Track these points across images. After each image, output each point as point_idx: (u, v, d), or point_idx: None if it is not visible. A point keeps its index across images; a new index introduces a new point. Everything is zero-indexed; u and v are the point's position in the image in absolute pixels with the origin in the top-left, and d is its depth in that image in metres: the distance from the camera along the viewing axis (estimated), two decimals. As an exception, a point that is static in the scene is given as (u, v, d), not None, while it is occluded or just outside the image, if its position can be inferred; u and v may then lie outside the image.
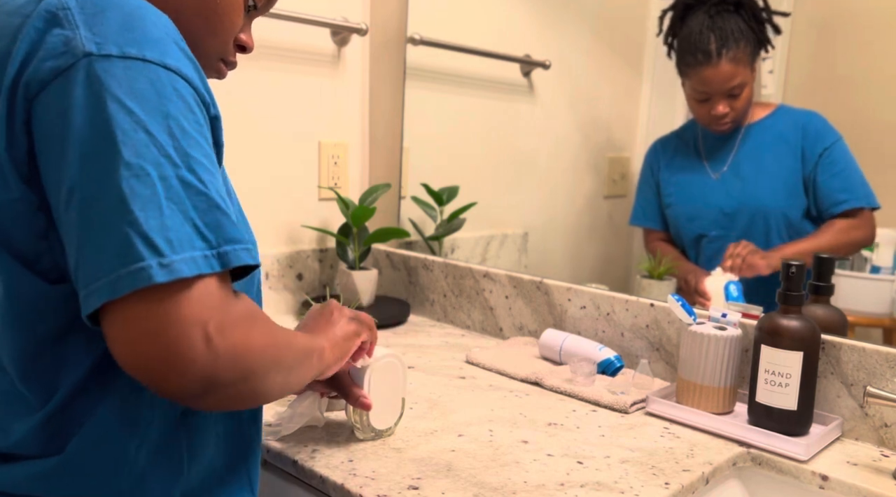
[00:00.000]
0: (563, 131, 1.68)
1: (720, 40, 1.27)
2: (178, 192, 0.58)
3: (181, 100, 0.61)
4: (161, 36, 0.62)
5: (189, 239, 0.57)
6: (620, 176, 1.60)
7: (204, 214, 0.59)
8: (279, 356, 0.65)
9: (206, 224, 0.59)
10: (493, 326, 1.49)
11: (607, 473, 0.90)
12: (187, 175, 0.59)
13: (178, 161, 0.59)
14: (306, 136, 1.63)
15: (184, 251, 0.56)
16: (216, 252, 0.58)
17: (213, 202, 0.60)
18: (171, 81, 0.61)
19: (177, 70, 0.61)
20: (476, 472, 0.89)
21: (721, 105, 1.30)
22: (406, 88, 1.70)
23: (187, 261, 0.56)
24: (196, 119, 0.62)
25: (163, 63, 0.60)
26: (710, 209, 1.35)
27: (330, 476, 0.87)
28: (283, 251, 1.60)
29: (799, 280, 1.00)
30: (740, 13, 1.27)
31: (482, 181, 1.73)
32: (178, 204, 0.57)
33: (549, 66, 1.66)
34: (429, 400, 1.12)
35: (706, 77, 1.30)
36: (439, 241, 1.70)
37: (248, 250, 0.61)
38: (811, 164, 1.26)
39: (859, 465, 0.96)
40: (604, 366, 1.22)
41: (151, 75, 0.60)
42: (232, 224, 0.61)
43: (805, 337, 0.99)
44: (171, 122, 0.59)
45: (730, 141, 1.34)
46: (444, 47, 1.68)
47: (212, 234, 0.59)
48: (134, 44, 0.60)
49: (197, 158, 0.60)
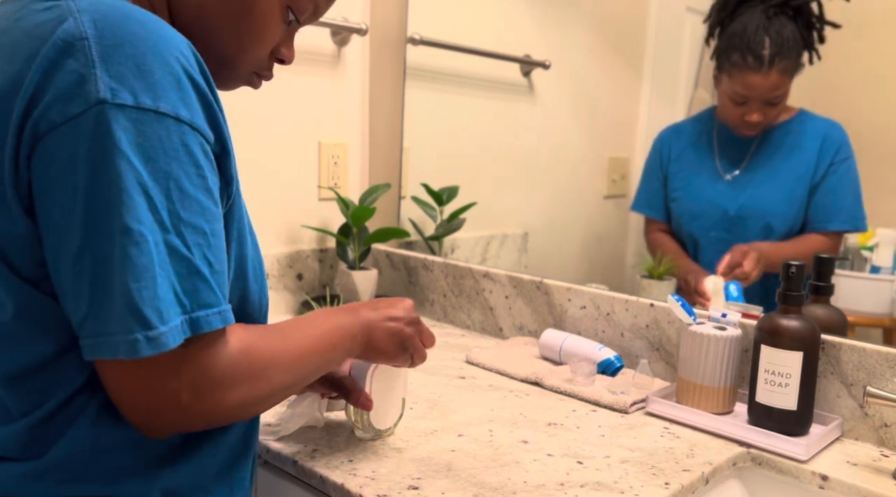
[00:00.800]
0: (563, 131, 1.68)
1: (775, 47, 1.21)
2: (164, 257, 0.59)
3: (187, 155, 0.61)
4: (176, 76, 0.61)
5: (174, 307, 0.60)
6: (620, 176, 1.60)
7: (183, 280, 0.61)
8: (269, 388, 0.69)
9: (183, 290, 0.61)
10: (493, 326, 1.49)
11: (607, 473, 0.90)
12: (174, 240, 0.60)
13: (168, 225, 0.60)
14: (306, 136, 1.63)
15: (170, 320, 0.59)
16: (189, 317, 0.61)
17: (193, 268, 0.61)
18: (181, 135, 0.61)
19: (189, 121, 0.61)
20: (476, 472, 0.89)
21: (758, 113, 1.26)
22: (406, 88, 1.70)
23: (173, 331, 0.59)
24: (199, 172, 0.62)
25: (175, 115, 0.60)
26: (716, 210, 1.34)
27: (330, 476, 0.87)
28: (283, 251, 1.60)
29: (799, 280, 1.00)
30: (797, 20, 1.22)
31: (482, 181, 1.73)
32: (164, 270, 0.59)
33: (549, 66, 1.66)
34: (429, 400, 1.12)
35: (752, 83, 1.25)
36: (439, 241, 1.70)
37: (219, 314, 0.63)
38: (820, 174, 1.24)
39: (859, 465, 0.96)
40: (604, 366, 1.22)
41: (161, 131, 0.60)
42: (208, 289, 0.62)
43: (805, 337, 0.99)
44: (172, 183, 0.60)
45: (747, 143, 1.31)
46: (444, 47, 1.68)
47: (187, 300, 0.61)
48: (149, 91, 0.59)
49: (188, 221, 0.61)
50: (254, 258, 0.77)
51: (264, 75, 0.80)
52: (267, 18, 0.74)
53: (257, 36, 0.75)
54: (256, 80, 0.80)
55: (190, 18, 0.72)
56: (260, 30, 0.74)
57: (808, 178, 1.26)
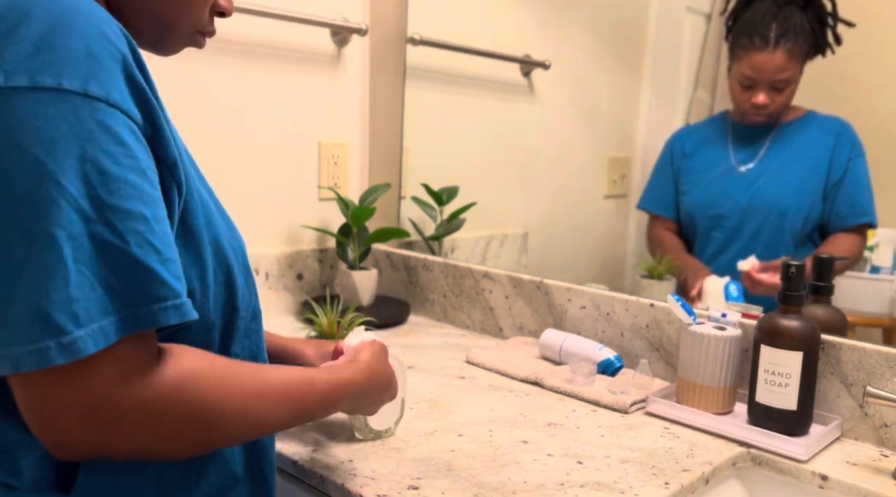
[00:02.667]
0: (563, 131, 1.68)
1: (781, 29, 1.26)
2: (90, 251, 0.53)
3: (105, 133, 0.55)
4: (88, 51, 0.55)
5: (101, 305, 0.53)
6: (620, 176, 1.60)
7: (120, 273, 0.54)
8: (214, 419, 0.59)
9: (122, 283, 0.54)
10: (493, 326, 1.49)
11: (607, 473, 0.90)
12: (102, 230, 0.53)
13: (91, 214, 0.53)
14: (306, 136, 1.63)
15: (92, 322, 0.52)
16: (131, 314, 0.54)
17: (131, 258, 0.54)
18: (93, 113, 0.54)
19: (102, 97, 0.55)
20: (476, 472, 0.89)
21: (763, 95, 1.29)
22: (406, 88, 1.70)
23: (94, 334, 0.52)
24: (126, 152, 0.56)
25: (84, 91, 0.54)
26: (728, 201, 1.35)
27: (330, 476, 0.87)
28: (283, 251, 1.60)
29: (799, 280, 1.00)
30: (806, 11, 1.26)
31: (482, 181, 1.73)
32: (89, 265, 0.53)
33: (549, 66, 1.66)
34: (429, 400, 1.12)
35: (758, 62, 1.28)
36: (439, 241, 1.70)
37: (175, 307, 0.56)
38: (840, 170, 1.26)
39: (859, 465, 0.96)
40: (604, 366, 1.22)
41: (67, 110, 0.53)
42: (156, 280, 0.55)
43: (805, 337, 0.99)
44: (88, 166, 0.53)
45: (761, 137, 1.33)
46: (444, 47, 1.68)
47: (128, 294, 0.54)
48: (50, 68, 0.53)
49: (117, 206, 0.54)
50: (232, 243, 0.72)
51: (207, 32, 0.76)
52: None
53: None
54: (200, 38, 0.76)
55: None
56: None
57: (824, 172, 1.28)
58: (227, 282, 0.70)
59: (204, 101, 1.45)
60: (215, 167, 1.48)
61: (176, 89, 1.40)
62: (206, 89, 1.45)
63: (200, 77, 1.44)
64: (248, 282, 0.75)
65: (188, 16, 0.72)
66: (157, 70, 1.37)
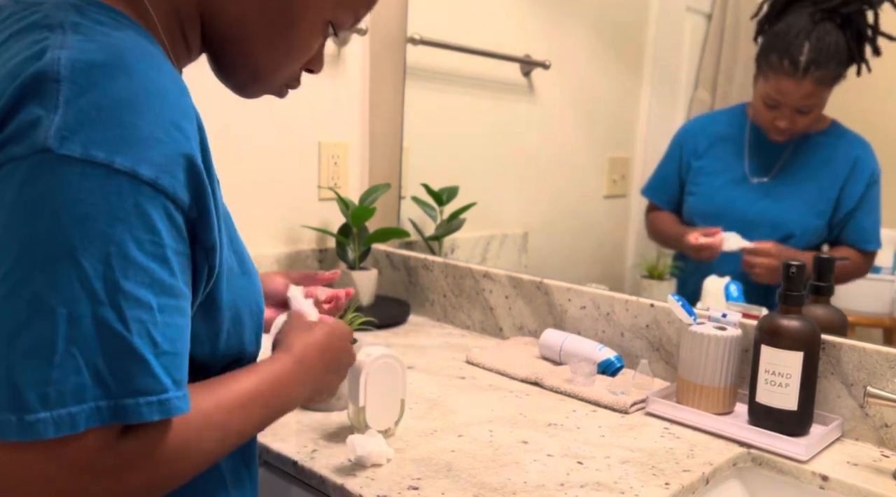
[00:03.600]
0: (563, 131, 1.68)
1: (813, 54, 1.17)
2: (88, 333, 0.52)
3: (140, 218, 0.54)
4: (151, 131, 0.55)
5: (79, 390, 0.51)
6: (620, 176, 1.60)
7: (112, 360, 0.52)
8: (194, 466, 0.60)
9: (111, 371, 0.52)
10: (493, 326, 1.49)
11: (607, 474, 0.90)
12: (108, 313, 0.52)
13: (102, 296, 0.52)
14: (306, 136, 1.63)
15: (62, 406, 0.51)
16: (114, 403, 0.52)
17: (128, 347, 0.53)
18: (135, 195, 0.53)
19: (150, 181, 0.54)
20: (476, 472, 0.89)
21: (787, 120, 1.23)
22: (406, 88, 1.70)
23: (59, 419, 0.51)
24: (154, 239, 0.55)
25: (133, 172, 0.53)
26: (734, 212, 1.31)
27: (330, 476, 0.87)
28: (283, 251, 1.60)
29: (799, 280, 1.00)
30: (845, 29, 1.17)
31: (482, 181, 1.73)
32: (82, 347, 0.51)
33: (549, 66, 1.66)
34: (429, 400, 1.12)
35: (784, 88, 1.21)
36: (439, 241, 1.70)
37: (158, 403, 0.54)
38: (853, 200, 1.21)
39: (860, 466, 0.96)
40: (604, 366, 1.22)
41: (110, 188, 0.52)
42: (145, 372, 0.54)
43: (805, 337, 0.99)
44: (113, 248, 0.53)
45: (781, 150, 1.28)
46: (444, 47, 1.68)
47: (115, 382, 0.52)
48: (107, 144, 0.53)
49: (130, 292, 0.53)
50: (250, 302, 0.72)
51: (292, 85, 0.77)
52: (308, 35, 0.71)
53: (295, 52, 0.71)
54: (284, 90, 0.77)
55: (225, 30, 0.69)
56: (299, 46, 0.71)
57: (835, 197, 1.23)
58: (239, 344, 0.71)
59: (204, 102, 1.44)
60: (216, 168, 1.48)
61: (176, 89, 1.40)
62: (206, 89, 1.45)
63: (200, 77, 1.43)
64: (258, 339, 0.75)
65: (284, 71, 0.73)
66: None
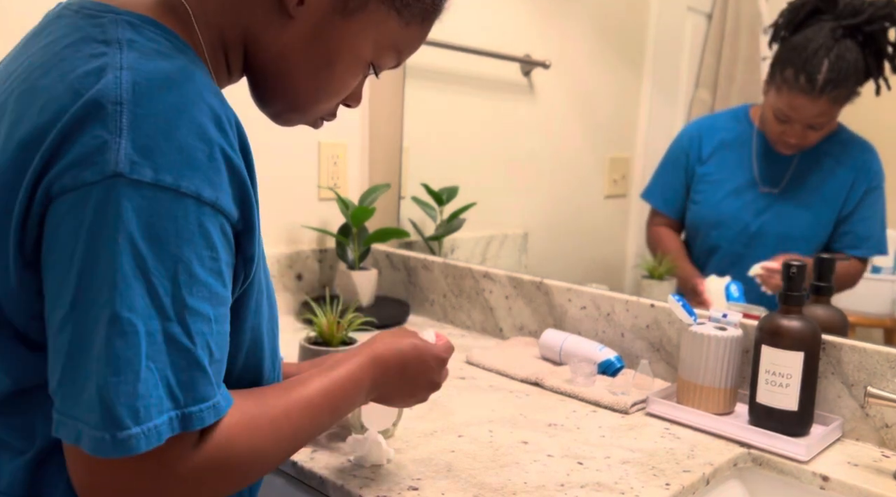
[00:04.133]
0: (563, 131, 1.68)
1: (831, 73, 1.14)
2: (161, 347, 0.55)
3: (203, 237, 0.57)
4: (209, 152, 0.57)
5: (159, 403, 0.55)
6: (620, 176, 1.60)
7: (180, 372, 0.56)
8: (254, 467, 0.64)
9: (179, 383, 0.56)
10: (493, 327, 1.49)
11: (608, 474, 0.90)
12: (175, 329, 0.56)
13: (170, 313, 0.55)
14: (306, 136, 1.63)
15: (150, 420, 0.54)
16: (181, 413, 0.56)
17: (193, 359, 0.57)
18: (199, 216, 0.57)
19: (211, 202, 0.57)
20: (476, 472, 0.89)
21: (797, 137, 1.21)
22: (406, 88, 1.70)
23: (148, 432, 0.54)
24: (213, 255, 0.58)
25: (197, 195, 0.56)
26: (738, 223, 1.29)
27: (330, 476, 0.87)
28: (282, 251, 1.59)
29: (800, 280, 1.00)
30: (864, 48, 1.14)
31: (482, 181, 1.73)
32: (157, 362, 0.55)
33: (549, 66, 1.66)
34: (429, 400, 1.12)
35: (798, 104, 1.18)
36: (439, 241, 1.70)
37: (213, 408, 0.58)
38: (853, 203, 1.20)
39: (860, 466, 0.96)
40: (604, 366, 1.22)
41: (178, 211, 0.55)
42: (206, 381, 0.58)
43: (805, 337, 0.99)
44: (181, 266, 0.56)
45: (789, 159, 1.25)
46: (444, 47, 1.68)
47: (182, 394, 0.56)
48: (173, 168, 0.55)
49: (194, 308, 0.57)
50: (270, 327, 0.74)
51: (328, 119, 0.78)
52: (348, 75, 0.72)
53: (335, 89, 0.73)
54: (320, 122, 0.78)
55: (267, 62, 0.70)
56: (339, 85, 0.72)
57: (839, 205, 1.22)
58: (256, 367, 0.72)
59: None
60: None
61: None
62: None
63: (200, 77, 1.43)
64: (275, 365, 0.76)
65: (321, 106, 0.74)
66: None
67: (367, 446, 0.88)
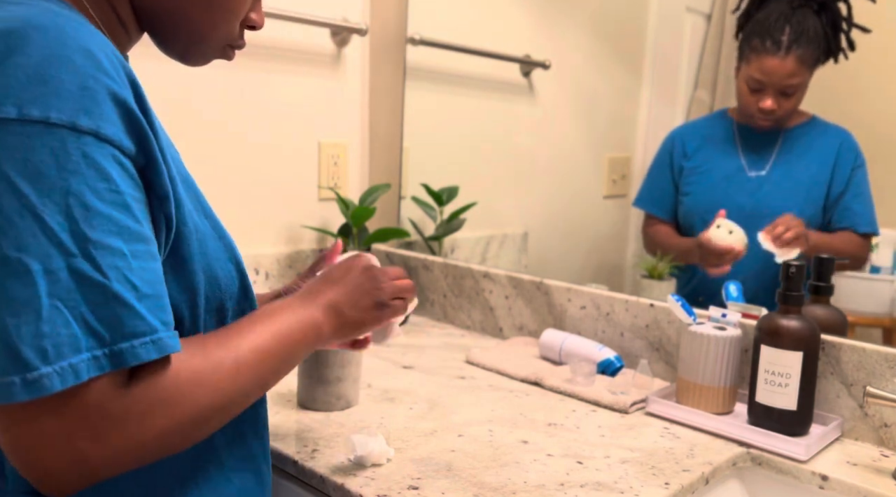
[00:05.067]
0: (563, 131, 1.68)
1: (794, 34, 1.24)
2: (68, 285, 0.53)
3: (92, 168, 0.55)
4: (82, 83, 0.55)
5: (73, 341, 0.52)
6: (620, 176, 1.60)
7: (98, 309, 0.53)
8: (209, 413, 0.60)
9: (99, 320, 0.53)
10: (493, 326, 1.49)
11: (607, 473, 0.90)
12: (82, 264, 0.53)
13: (72, 248, 0.53)
14: (306, 136, 1.63)
15: (62, 358, 0.51)
16: (109, 351, 0.53)
17: (111, 293, 0.54)
18: (81, 146, 0.54)
19: (91, 130, 0.55)
20: (476, 472, 0.89)
21: (772, 100, 1.27)
22: (406, 88, 1.70)
23: (62, 371, 0.51)
24: (110, 187, 0.56)
25: (72, 124, 0.54)
26: (732, 206, 1.33)
27: (330, 476, 0.87)
28: (282, 251, 1.60)
29: (799, 280, 1.00)
30: (821, 15, 1.24)
31: (482, 181, 1.73)
32: (65, 300, 0.52)
33: (549, 66, 1.66)
34: (429, 400, 1.12)
35: (768, 67, 1.26)
36: (439, 241, 1.70)
37: (151, 344, 0.55)
38: (842, 182, 1.24)
39: (859, 465, 0.96)
40: (603, 366, 1.22)
41: (54, 143, 0.53)
42: (135, 316, 0.55)
43: (805, 337, 0.99)
44: (72, 199, 0.53)
45: (770, 142, 1.32)
46: (444, 47, 1.68)
47: (106, 331, 0.53)
48: (39, 101, 0.53)
49: (100, 242, 0.54)
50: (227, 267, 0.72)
51: (237, 45, 0.76)
52: None
53: (229, 9, 0.72)
54: (230, 51, 0.76)
55: (154, 5, 0.69)
56: (231, 3, 0.72)
57: (826, 182, 1.26)
58: (219, 308, 0.71)
59: (204, 102, 1.45)
60: (216, 168, 1.48)
61: (176, 90, 1.40)
62: (206, 90, 1.45)
63: (201, 77, 1.44)
64: (244, 304, 0.74)
65: (220, 29, 0.72)
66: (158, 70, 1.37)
67: (368, 446, 0.89)
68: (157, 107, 1.43)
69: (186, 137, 1.42)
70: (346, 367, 1.06)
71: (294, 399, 1.09)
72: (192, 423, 0.60)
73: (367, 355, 1.30)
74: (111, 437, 0.54)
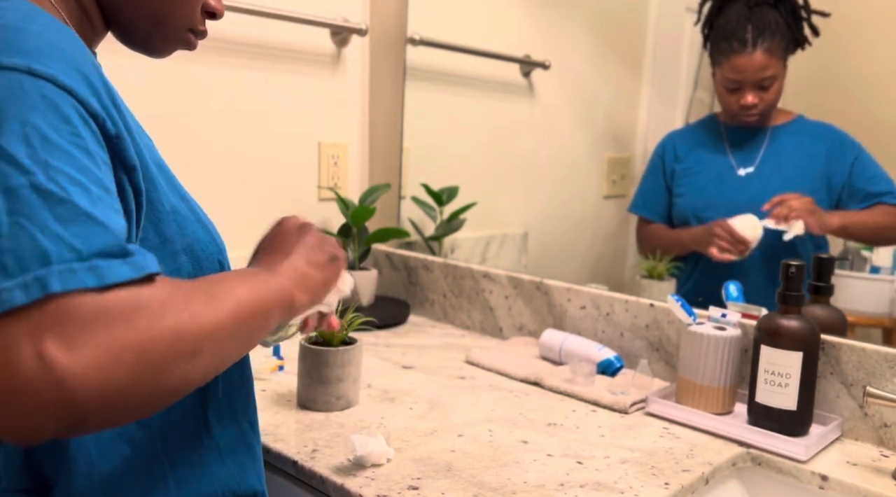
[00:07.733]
0: (563, 131, 1.68)
1: (757, 30, 1.27)
2: (31, 201, 0.50)
3: (51, 109, 0.53)
4: (44, 39, 0.56)
5: (41, 254, 0.48)
6: (620, 176, 1.60)
7: (68, 223, 0.50)
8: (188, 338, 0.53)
9: (72, 234, 0.50)
10: (493, 326, 1.49)
11: (607, 474, 0.90)
12: (44, 182, 0.51)
13: (31, 168, 0.51)
14: (306, 136, 1.63)
15: (25, 272, 0.48)
16: (89, 265, 0.49)
17: (79, 209, 0.51)
18: (39, 89, 0.54)
19: (48, 76, 0.54)
20: (476, 472, 0.89)
21: (751, 95, 1.30)
22: (406, 88, 1.70)
23: (27, 284, 0.47)
24: (73, 130, 0.54)
25: (28, 69, 0.54)
26: (725, 203, 1.34)
27: (330, 476, 0.87)
28: (283, 251, 1.59)
29: (799, 280, 1.00)
30: (779, 8, 1.28)
31: (482, 181, 1.73)
32: (29, 216, 0.49)
33: (549, 67, 1.66)
34: (429, 400, 1.12)
35: (739, 65, 1.30)
36: (439, 241, 1.70)
37: (129, 262, 0.52)
38: (844, 173, 1.26)
39: (859, 466, 0.96)
40: (603, 366, 1.22)
41: (11, 83, 0.53)
42: (108, 234, 0.52)
43: (805, 337, 0.99)
44: (30, 129, 0.52)
45: (758, 139, 1.34)
46: (444, 47, 1.68)
47: (82, 245, 0.50)
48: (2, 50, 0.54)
49: (59, 168, 0.52)
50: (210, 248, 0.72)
51: (199, 32, 0.77)
52: None
53: None
54: (192, 38, 0.77)
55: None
56: None
57: (822, 175, 1.28)
58: None
59: (204, 102, 1.45)
60: (216, 168, 1.48)
61: (176, 90, 1.40)
62: (206, 90, 1.45)
63: (201, 77, 1.44)
64: None
65: (178, 13, 0.73)
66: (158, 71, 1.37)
67: (368, 446, 0.89)
68: (157, 107, 1.43)
69: (186, 138, 1.42)
70: (346, 367, 1.06)
71: (294, 399, 1.09)
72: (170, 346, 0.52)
73: (366, 355, 1.30)
74: (81, 343, 0.47)
